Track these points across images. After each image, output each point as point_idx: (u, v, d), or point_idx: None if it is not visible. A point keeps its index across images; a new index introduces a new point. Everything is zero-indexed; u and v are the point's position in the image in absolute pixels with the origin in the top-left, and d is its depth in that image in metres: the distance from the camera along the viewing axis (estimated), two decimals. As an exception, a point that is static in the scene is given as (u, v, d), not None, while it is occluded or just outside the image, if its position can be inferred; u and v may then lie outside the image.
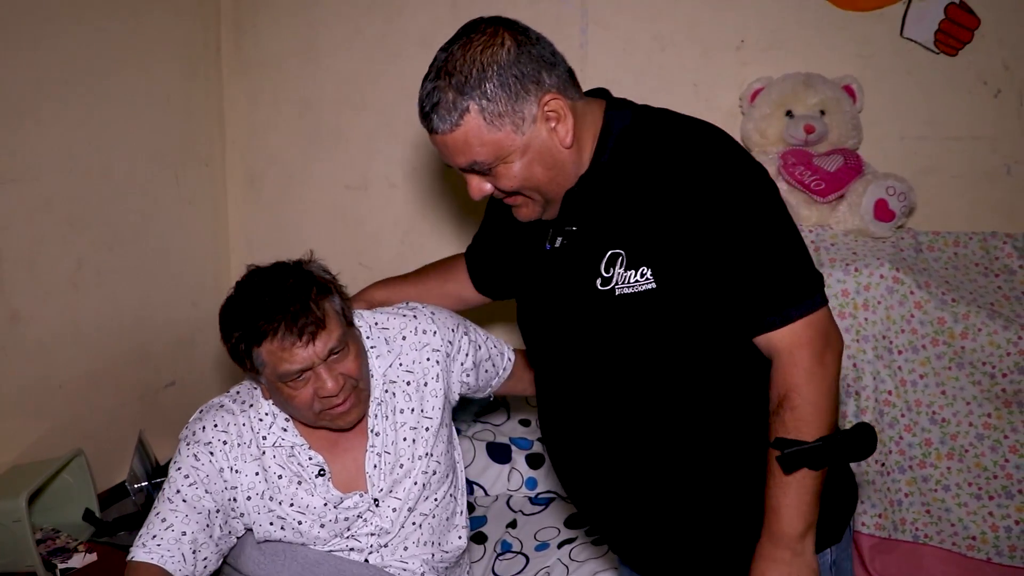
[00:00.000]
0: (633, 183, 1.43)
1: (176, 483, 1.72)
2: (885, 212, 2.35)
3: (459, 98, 1.39)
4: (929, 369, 2.24)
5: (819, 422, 1.39)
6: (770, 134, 2.54)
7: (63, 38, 2.33)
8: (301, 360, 1.60)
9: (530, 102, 1.40)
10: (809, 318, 1.38)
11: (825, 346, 1.39)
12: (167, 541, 1.68)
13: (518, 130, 1.40)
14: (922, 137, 2.60)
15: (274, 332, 1.59)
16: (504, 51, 1.40)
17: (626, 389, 1.50)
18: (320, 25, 3.00)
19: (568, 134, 1.43)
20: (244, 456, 1.74)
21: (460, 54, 1.42)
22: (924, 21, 2.54)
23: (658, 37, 2.74)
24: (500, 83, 1.38)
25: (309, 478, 1.76)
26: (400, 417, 1.82)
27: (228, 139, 3.14)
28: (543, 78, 1.41)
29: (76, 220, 2.42)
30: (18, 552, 2.00)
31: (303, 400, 1.65)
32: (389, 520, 1.80)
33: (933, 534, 2.24)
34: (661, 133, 1.46)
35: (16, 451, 2.25)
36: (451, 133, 1.42)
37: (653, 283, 1.41)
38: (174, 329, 2.90)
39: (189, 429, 1.77)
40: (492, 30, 1.43)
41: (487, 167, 1.44)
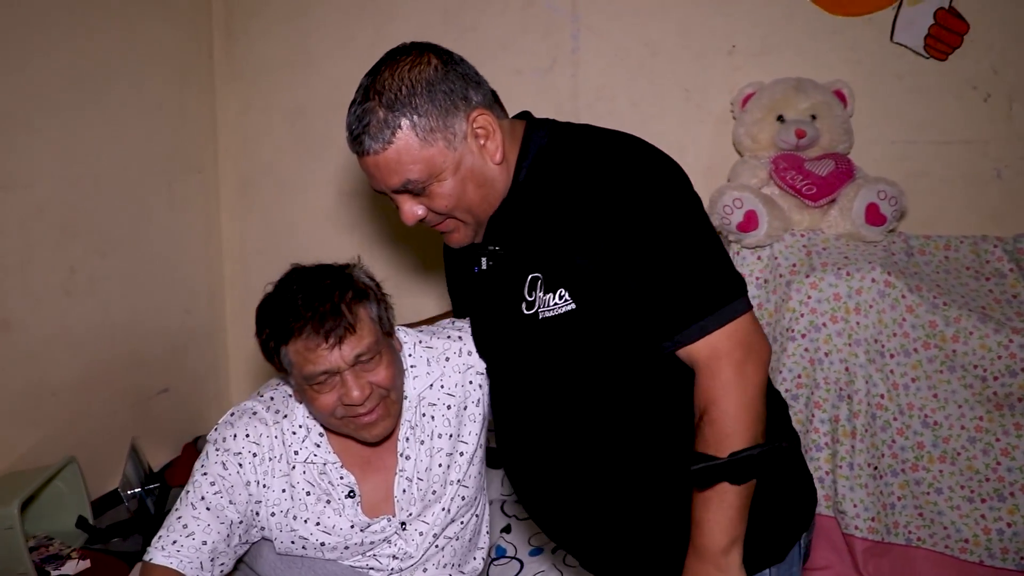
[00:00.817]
0: (547, 204, 1.43)
1: (201, 489, 1.68)
2: (876, 216, 2.36)
3: (390, 115, 1.40)
4: (921, 372, 2.24)
5: (739, 436, 1.35)
6: (761, 139, 2.55)
7: (56, 47, 2.33)
8: (325, 363, 1.57)
9: (460, 118, 1.42)
10: (727, 328, 1.36)
11: (746, 356, 1.36)
12: (187, 549, 1.65)
13: (450, 146, 1.42)
14: (912, 141, 2.62)
15: (299, 331, 1.56)
16: (431, 69, 1.42)
17: (563, 404, 1.50)
18: (312, 32, 3.01)
19: (498, 150, 1.45)
20: (273, 471, 1.71)
21: (388, 74, 1.43)
22: (914, 26, 2.56)
23: (649, 43, 2.75)
24: (430, 98, 1.40)
25: (338, 498, 1.73)
26: (436, 442, 1.78)
27: (220, 146, 3.15)
28: (470, 95, 1.44)
29: (69, 227, 2.42)
30: (11, 559, 2.00)
31: (325, 404, 1.61)
32: (415, 544, 1.77)
33: (926, 537, 2.24)
34: (573, 152, 1.46)
35: (9, 459, 2.24)
36: (384, 152, 1.41)
37: (572, 304, 1.41)
38: (167, 336, 2.89)
39: (219, 434, 1.71)
40: (417, 52, 1.45)
41: (420, 186, 1.43)
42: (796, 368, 2.33)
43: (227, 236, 3.18)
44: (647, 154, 1.44)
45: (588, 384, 1.46)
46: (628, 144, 1.46)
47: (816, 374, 2.30)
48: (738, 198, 2.38)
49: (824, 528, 2.30)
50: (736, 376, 1.35)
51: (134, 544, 2.26)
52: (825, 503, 2.30)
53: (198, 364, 3.10)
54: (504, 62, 2.85)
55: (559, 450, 1.52)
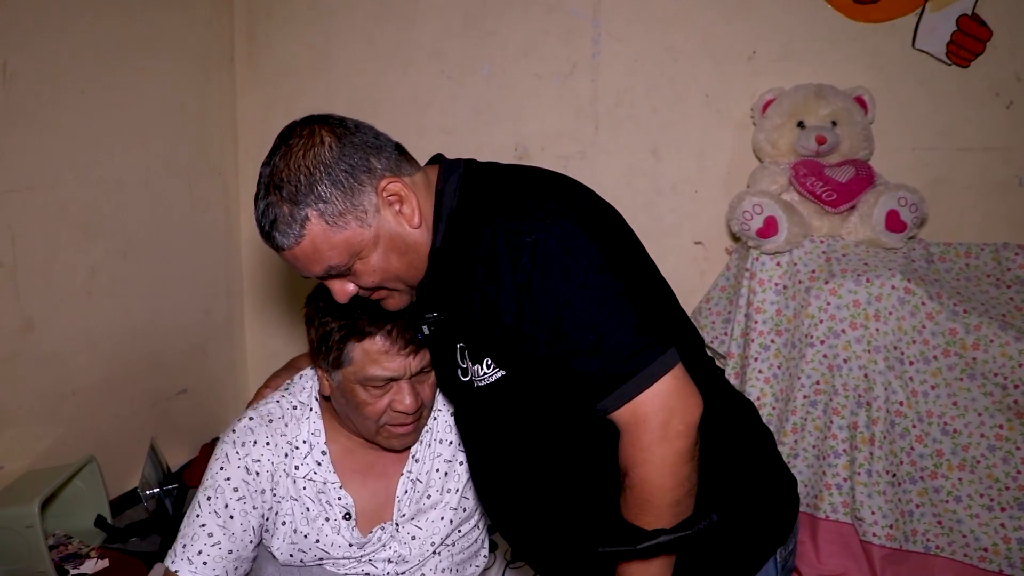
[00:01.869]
0: (459, 272, 1.37)
1: (225, 495, 1.67)
2: (897, 223, 2.35)
3: (295, 209, 1.34)
4: (941, 380, 2.23)
5: (655, 504, 1.31)
6: (781, 145, 2.54)
7: (79, 49, 2.35)
8: (394, 368, 1.58)
9: (367, 192, 1.36)
10: (649, 391, 1.28)
11: (669, 418, 1.28)
12: (213, 559, 1.65)
13: (363, 223, 1.36)
14: (934, 148, 2.60)
15: (376, 333, 1.57)
16: (326, 149, 1.35)
17: (514, 456, 1.49)
18: (333, 36, 3.03)
19: (414, 213, 1.39)
20: (287, 485, 1.72)
21: (283, 164, 1.36)
22: (936, 32, 2.54)
23: (670, 48, 2.75)
24: (331, 182, 1.34)
25: (335, 518, 1.73)
26: (438, 447, 1.80)
27: (241, 149, 3.16)
28: (373, 164, 1.37)
29: (90, 228, 2.44)
30: (31, 557, 2.01)
31: (375, 409, 1.62)
32: (408, 548, 1.77)
33: (944, 545, 2.23)
34: (477, 214, 1.37)
35: (30, 457, 2.26)
36: (298, 246, 1.37)
37: (501, 371, 1.39)
38: (186, 337, 2.91)
39: (239, 438, 1.70)
40: (308, 131, 1.38)
41: (344, 268, 1.40)
42: (815, 374, 2.32)
43: (246, 238, 3.19)
44: (551, 207, 1.33)
45: (533, 437, 1.45)
46: (532, 199, 1.36)
47: (835, 380, 2.29)
48: (758, 204, 2.38)
49: (842, 535, 2.29)
50: (658, 441, 1.28)
51: (152, 544, 2.27)
52: (843, 509, 2.29)
53: (216, 366, 3.11)
54: (525, 66, 2.86)
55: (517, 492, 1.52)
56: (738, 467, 1.46)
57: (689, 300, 2.64)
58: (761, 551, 1.46)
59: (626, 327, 1.28)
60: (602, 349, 1.27)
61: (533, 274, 1.27)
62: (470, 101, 2.94)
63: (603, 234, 1.34)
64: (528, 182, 1.42)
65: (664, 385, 1.28)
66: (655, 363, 1.27)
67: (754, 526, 1.46)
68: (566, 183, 1.47)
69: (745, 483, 1.46)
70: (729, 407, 1.51)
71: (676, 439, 1.29)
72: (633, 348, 1.27)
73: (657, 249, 1.59)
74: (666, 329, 1.32)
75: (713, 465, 1.41)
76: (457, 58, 2.93)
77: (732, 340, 2.50)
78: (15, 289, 2.19)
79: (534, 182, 1.42)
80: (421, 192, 1.42)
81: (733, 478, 1.44)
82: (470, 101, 2.94)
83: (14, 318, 2.20)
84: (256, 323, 3.27)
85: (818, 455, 2.33)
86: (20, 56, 2.16)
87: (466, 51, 2.91)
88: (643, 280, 1.39)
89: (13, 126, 2.16)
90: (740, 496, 1.44)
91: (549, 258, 1.27)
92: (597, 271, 1.28)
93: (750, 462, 1.49)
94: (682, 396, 1.29)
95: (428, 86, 2.97)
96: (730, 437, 1.46)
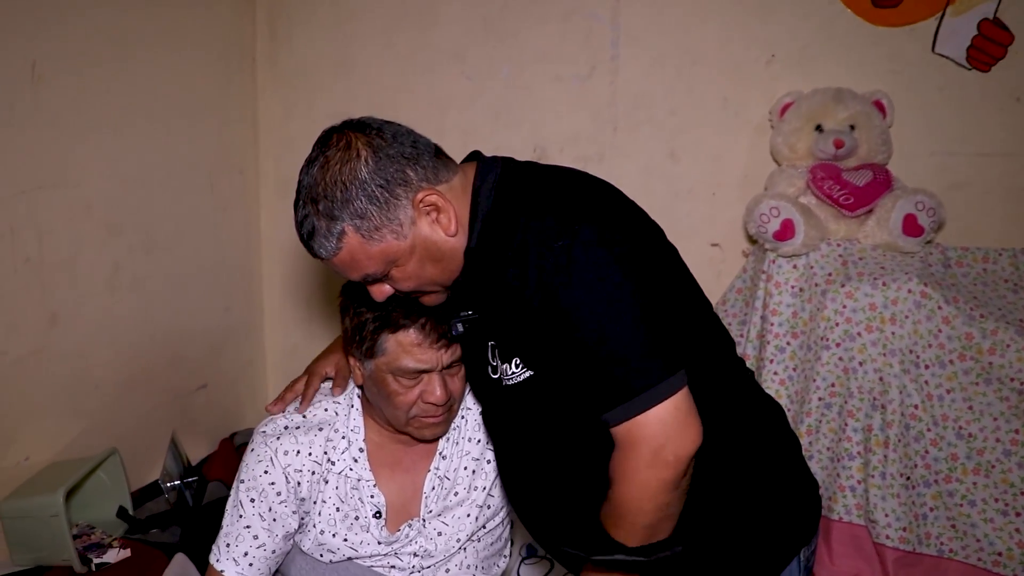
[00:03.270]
0: (493, 272, 1.39)
1: (269, 499, 1.71)
2: (914, 227, 2.35)
3: (332, 224, 1.37)
4: (956, 384, 2.23)
5: (629, 525, 1.34)
6: (799, 148, 2.55)
7: (104, 49, 2.38)
8: (426, 361, 1.61)
9: (403, 206, 1.37)
10: (647, 415, 1.29)
11: (662, 445, 1.29)
12: (258, 560, 1.70)
13: (399, 236, 1.38)
14: (952, 153, 2.60)
15: (408, 327, 1.60)
16: (362, 164, 1.36)
17: (540, 452, 1.52)
18: (354, 37, 3.05)
19: (451, 222, 1.40)
20: (321, 488, 1.75)
21: (320, 177, 1.38)
22: (957, 37, 2.54)
23: (689, 51, 2.76)
24: (367, 198, 1.35)
25: (365, 516, 1.76)
26: (467, 445, 1.83)
27: (262, 148, 3.19)
28: (409, 176, 1.38)
29: (114, 225, 2.47)
30: (55, 546, 2.04)
31: (406, 400, 1.65)
32: (434, 543, 1.80)
33: (958, 549, 2.23)
34: (512, 217, 1.38)
35: (54, 449, 2.29)
36: (336, 257, 1.41)
37: (530, 371, 1.41)
38: (207, 334, 2.94)
39: (281, 446, 1.72)
40: (344, 142, 1.39)
41: (381, 275, 1.43)
42: (830, 377, 2.32)
43: (266, 236, 3.22)
44: (581, 213, 1.35)
45: (560, 437, 1.47)
46: (564, 202, 1.37)
47: (850, 383, 2.30)
48: (775, 207, 2.38)
49: (855, 537, 2.29)
50: (646, 465, 1.31)
51: (172, 535, 2.29)
52: (856, 512, 2.29)
53: (235, 362, 3.14)
54: (543, 69, 2.88)
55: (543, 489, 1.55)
56: (765, 468, 1.47)
57: (705, 302, 2.67)
58: (786, 551, 1.48)
59: (636, 346, 1.29)
60: (610, 363, 1.30)
61: (556, 278, 1.29)
62: (489, 103, 2.95)
63: (629, 245, 1.35)
64: (562, 185, 1.43)
65: (664, 410, 1.29)
66: (659, 386, 1.29)
67: (780, 526, 1.48)
68: (600, 188, 1.47)
69: (772, 484, 1.47)
70: (757, 409, 1.53)
71: (664, 468, 1.31)
72: (640, 368, 1.29)
73: (674, 251, 1.61)
74: (677, 353, 1.32)
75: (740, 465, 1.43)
76: (477, 60, 2.94)
77: (748, 342, 2.50)
78: (40, 285, 2.22)
79: (568, 185, 1.43)
80: (457, 196, 1.43)
81: (760, 479, 1.46)
82: (489, 103, 2.95)
83: (40, 313, 2.23)
84: (275, 320, 3.30)
85: (832, 457, 2.34)
86: (48, 57, 2.19)
87: (486, 53, 2.93)
88: (666, 292, 1.39)
89: (41, 125, 2.19)
90: (767, 497, 1.46)
91: (574, 265, 1.29)
92: (616, 285, 1.29)
93: (776, 464, 1.51)
94: (680, 426, 1.30)
95: (448, 88, 2.99)
96: (757, 438, 1.48)
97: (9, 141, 2.12)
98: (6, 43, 2.09)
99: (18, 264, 2.16)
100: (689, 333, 1.43)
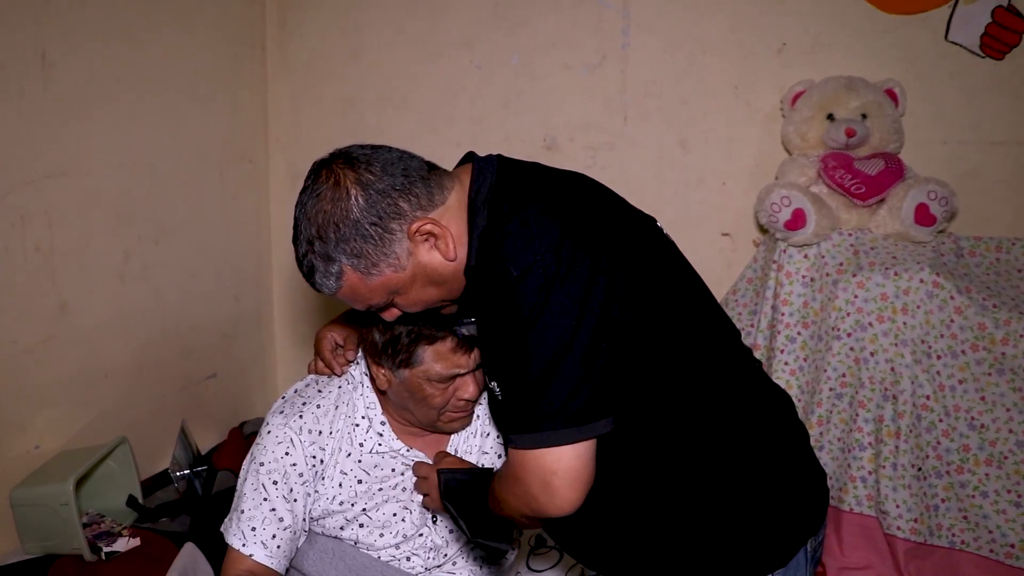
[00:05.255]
0: (481, 291, 1.37)
1: (290, 480, 1.73)
2: (926, 216, 2.34)
3: (329, 264, 1.38)
4: (968, 375, 2.22)
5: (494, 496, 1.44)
6: (811, 137, 2.53)
7: (114, 38, 2.38)
8: (462, 365, 1.67)
9: (398, 239, 1.37)
10: (527, 454, 1.28)
11: (541, 491, 1.29)
12: (284, 542, 1.72)
13: (398, 268, 1.38)
14: (965, 142, 2.58)
15: (445, 338, 1.65)
16: (352, 202, 1.35)
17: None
18: (363, 25, 3.04)
19: (449, 246, 1.38)
20: (338, 463, 1.77)
21: (314, 215, 1.38)
22: (970, 24, 2.52)
23: (699, 39, 2.74)
24: (362, 237, 1.36)
25: (391, 486, 1.80)
26: (477, 441, 1.86)
27: (271, 137, 3.19)
28: (403, 208, 1.37)
29: (124, 214, 2.47)
30: (66, 534, 2.05)
31: (439, 401, 1.70)
32: (443, 539, 1.82)
33: (970, 540, 2.22)
34: (499, 235, 1.32)
35: (64, 437, 2.30)
36: (338, 293, 1.42)
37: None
38: (216, 323, 2.95)
39: (305, 425, 1.76)
40: (334, 179, 1.37)
41: (386, 304, 1.45)
42: (841, 367, 2.31)
43: (275, 225, 3.22)
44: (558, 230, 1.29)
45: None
46: (542, 220, 1.31)
47: (861, 373, 2.29)
48: (786, 196, 2.37)
49: (865, 528, 2.29)
50: (525, 492, 1.32)
51: (182, 524, 2.30)
52: (867, 503, 2.29)
53: (245, 351, 3.15)
54: (554, 57, 2.87)
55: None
56: (770, 458, 1.47)
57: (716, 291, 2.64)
58: (793, 541, 1.47)
59: (560, 386, 1.26)
60: (525, 393, 1.28)
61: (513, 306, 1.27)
62: (499, 91, 2.95)
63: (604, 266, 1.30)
64: (550, 197, 1.39)
65: (556, 457, 1.27)
66: (557, 432, 1.26)
67: (787, 517, 1.47)
68: (591, 201, 1.44)
69: (779, 474, 1.47)
70: (763, 399, 1.52)
71: (528, 504, 1.32)
72: (548, 408, 1.26)
73: (684, 241, 1.60)
74: (605, 404, 1.30)
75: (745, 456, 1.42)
76: (487, 48, 2.93)
77: (758, 332, 2.50)
78: (51, 273, 2.23)
79: (555, 197, 1.39)
80: (454, 216, 1.41)
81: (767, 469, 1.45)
82: (499, 91, 2.95)
83: (50, 301, 2.24)
84: (284, 309, 3.30)
85: (843, 448, 2.33)
86: (58, 46, 2.19)
87: (496, 41, 2.92)
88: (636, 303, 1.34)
89: (51, 114, 2.19)
90: (773, 487, 1.45)
91: (537, 284, 1.25)
92: (572, 325, 1.25)
93: (783, 454, 1.50)
94: (565, 479, 1.28)
95: (457, 76, 2.98)
96: (763, 428, 1.47)
97: (19, 129, 2.12)
98: (16, 32, 2.09)
99: (28, 253, 2.16)
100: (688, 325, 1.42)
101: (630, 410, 1.37)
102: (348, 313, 1.92)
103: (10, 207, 2.11)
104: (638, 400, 1.38)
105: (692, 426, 1.41)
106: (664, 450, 1.42)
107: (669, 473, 1.42)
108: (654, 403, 1.39)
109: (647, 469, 1.42)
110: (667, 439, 1.41)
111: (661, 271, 1.43)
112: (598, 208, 1.42)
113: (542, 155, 2.85)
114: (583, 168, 1.58)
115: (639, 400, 1.38)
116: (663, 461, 1.42)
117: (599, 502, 1.41)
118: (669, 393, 1.40)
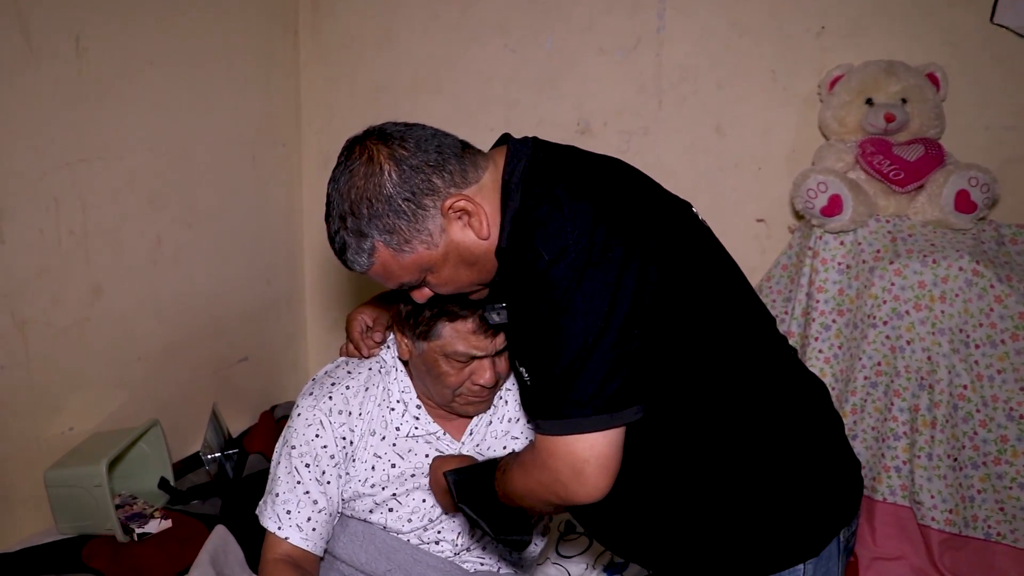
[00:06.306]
0: (512, 275, 1.34)
1: (322, 463, 1.74)
2: (967, 203, 2.29)
3: (361, 240, 1.37)
4: (1008, 364, 2.18)
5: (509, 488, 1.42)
6: (849, 122, 2.49)
7: (147, 22, 2.39)
8: (482, 348, 1.65)
9: (431, 216, 1.35)
10: (558, 441, 1.27)
11: (570, 477, 1.27)
12: (320, 525, 1.73)
13: (431, 245, 1.37)
14: (1009, 127, 2.52)
15: (467, 317, 1.63)
16: (386, 178, 1.34)
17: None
18: (397, 10, 3.03)
19: (483, 224, 1.36)
20: (369, 446, 1.77)
21: (347, 192, 1.37)
22: (1018, 5, 2.44)
23: (736, 23, 2.70)
24: (395, 213, 1.34)
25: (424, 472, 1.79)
26: (504, 425, 1.86)
27: (304, 121, 3.19)
28: (436, 185, 1.35)
29: (157, 198, 2.48)
30: (98, 515, 2.07)
31: (454, 381, 1.69)
32: (468, 526, 1.83)
33: (1007, 532, 2.18)
34: (531, 220, 1.31)
35: (97, 419, 2.32)
36: (370, 270, 1.41)
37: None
38: (248, 306, 2.96)
39: (335, 406, 1.75)
40: (368, 155, 1.36)
41: (417, 283, 1.43)
42: (876, 355, 2.28)
43: (308, 209, 3.22)
44: (591, 216, 1.27)
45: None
46: (575, 206, 1.29)
47: (897, 362, 2.25)
48: (823, 182, 2.34)
49: (899, 518, 2.26)
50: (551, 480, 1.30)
51: (213, 507, 2.32)
52: (902, 493, 2.26)
53: (277, 334, 3.16)
54: (588, 41, 2.84)
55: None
56: (805, 447, 1.45)
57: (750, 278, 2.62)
58: (826, 531, 1.46)
59: (586, 373, 1.24)
60: (549, 379, 1.27)
61: (541, 292, 1.25)
62: (533, 75, 2.92)
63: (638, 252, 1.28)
64: (584, 181, 1.37)
65: (584, 444, 1.26)
66: (583, 420, 1.25)
67: (820, 506, 1.45)
68: (625, 186, 1.41)
69: (812, 463, 1.45)
70: (798, 387, 1.50)
71: (552, 492, 1.31)
72: (574, 396, 1.25)
73: (719, 226, 1.58)
74: (637, 391, 1.28)
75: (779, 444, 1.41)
76: (521, 32, 2.91)
77: (793, 319, 2.47)
78: (86, 256, 2.24)
79: (589, 182, 1.37)
80: (488, 195, 1.39)
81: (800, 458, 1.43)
82: (533, 75, 2.92)
83: (84, 284, 2.25)
84: (316, 293, 3.31)
85: (877, 437, 2.30)
86: (91, 31, 2.20)
87: (530, 25, 2.90)
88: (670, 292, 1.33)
89: (85, 98, 2.21)
90: (807, 476, 1.43)
91: (570, 268, 1.23)
92: (605, 311, 1.24)
93: (817, 443, 1.48)
94: (596, 466, 1.27)
95: (491, 60, 2.96)
96: (797, 416, 1.45)
97: (53, 114, 2.13)
98: (50, 18, 2.10)
99: (63, 236, 2.18)
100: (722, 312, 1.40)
101: (663, 397, 1.36)
102: (380, 296, 1.92)
103: (45, 191, 2.12)
104: (672, 387, 1.37)
105: (725, 414, 1.39)
106: (697, 438, 1.40)
107: (701, 461, 1.41)
108: (687, 390, 1.38)
109: (679, 456, 1.41)
110: (700, 426, 1.39)
111: (696, 257, 1.41)
112: (632, 193, 1.40)
113: (575, 140, 2.83)
114: (617, 153, 1.55)
115: (673, 387, 1.37)
116: (696, 449, 1.40)
117: (630, 489, 1.40)
118: (702, 380, 1.38)
